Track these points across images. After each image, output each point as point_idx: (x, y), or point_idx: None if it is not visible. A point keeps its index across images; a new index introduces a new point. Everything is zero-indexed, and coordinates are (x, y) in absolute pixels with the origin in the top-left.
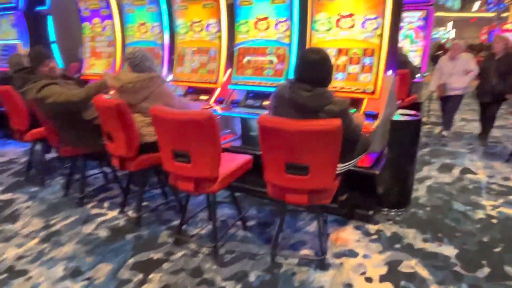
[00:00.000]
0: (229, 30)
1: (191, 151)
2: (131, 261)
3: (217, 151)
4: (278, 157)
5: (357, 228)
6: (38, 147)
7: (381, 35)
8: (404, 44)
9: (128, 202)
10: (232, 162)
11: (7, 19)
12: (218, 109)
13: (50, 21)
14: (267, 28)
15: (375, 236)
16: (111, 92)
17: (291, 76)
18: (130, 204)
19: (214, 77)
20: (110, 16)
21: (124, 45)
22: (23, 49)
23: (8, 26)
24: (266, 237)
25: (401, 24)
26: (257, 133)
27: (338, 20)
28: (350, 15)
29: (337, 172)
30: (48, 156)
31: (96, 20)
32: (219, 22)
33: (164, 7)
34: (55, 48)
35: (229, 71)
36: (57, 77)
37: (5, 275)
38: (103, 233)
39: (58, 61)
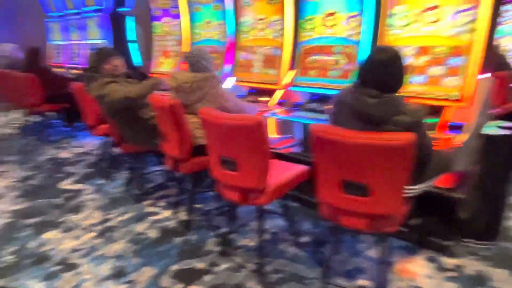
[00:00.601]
0: (294, 27)
1: (238, 159)
2: (174, 267)
3: (265, 160)
4: (333, 173)
5: (429, 259)
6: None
7: (474, 30)
8: (504, 42)
9: (182, 202)
10: (286, 172)
11: (93, 20)
12: (278, 112)
13: (130, 21)
14: (336, 24)
15: (452, 273)
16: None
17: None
18: (184, 205)
19: (276, 78)
20: (179, 15)
21: (191, 44)
22: None
23: (94, 27)
24: (319, 258)
25: (501, 18)
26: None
27: (420, 13)
28: (436, 7)
29: (407, 195)
30: (117, 150)
31: (166, 19)
32: (283, 18)
33: (229, 4)
34: (134, 47)
35: (292, 71)
36: (119, 75)
37: (58, 267)
38: (153, 233)
39: (137, 59)
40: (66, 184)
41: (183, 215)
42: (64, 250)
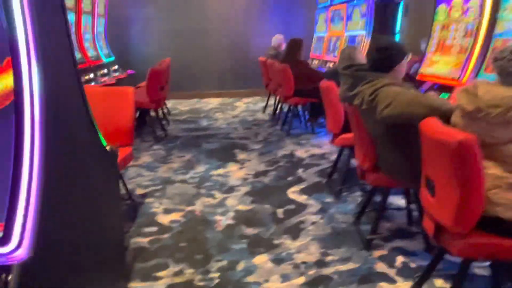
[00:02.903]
0: None
1: None
2: None
3: None
4: None
5: None
6: (347, 151)
7: None
8: None
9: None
10: None
11: (359, 9)
12: None
13: (400, 10)
14: None
15: None
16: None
17: None
18: (437, 278)
19: None
20: None
21: (489, 36)
22: (366, 40)
23: (358, 17)
24: None
25: None
26: None
27: None
28: None
29: None
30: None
31: (457, 1)
32: None
33: None
34: (397, 40)
35: None
36: (400, 80)
37: None
38: None
39: None
40: (293, 192)
41: None
42: None
